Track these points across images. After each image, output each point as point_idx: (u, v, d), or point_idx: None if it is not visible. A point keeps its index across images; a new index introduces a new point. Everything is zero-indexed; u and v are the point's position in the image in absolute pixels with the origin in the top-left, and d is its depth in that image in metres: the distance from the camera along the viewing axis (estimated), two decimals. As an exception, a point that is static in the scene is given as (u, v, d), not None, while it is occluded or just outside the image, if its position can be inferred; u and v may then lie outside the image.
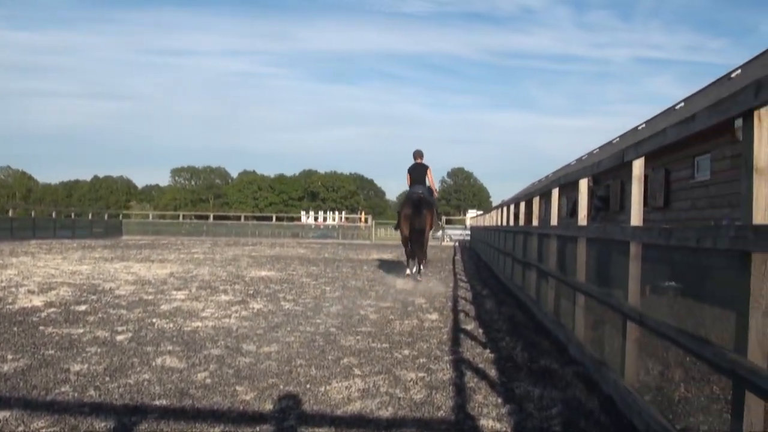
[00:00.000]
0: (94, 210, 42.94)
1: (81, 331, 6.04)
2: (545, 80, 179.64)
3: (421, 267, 11.76)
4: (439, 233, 32.98)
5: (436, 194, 12.18)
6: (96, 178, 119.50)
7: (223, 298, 8.83)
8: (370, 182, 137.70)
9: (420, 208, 11.28)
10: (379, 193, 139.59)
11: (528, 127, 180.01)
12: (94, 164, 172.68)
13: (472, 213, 49.94)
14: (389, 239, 45.22)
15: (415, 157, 12.40)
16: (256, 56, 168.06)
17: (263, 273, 13.10)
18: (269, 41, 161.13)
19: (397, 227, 11.88)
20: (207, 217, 46.09)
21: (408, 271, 11.86)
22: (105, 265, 14.06)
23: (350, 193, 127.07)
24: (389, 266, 15.82)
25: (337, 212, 64.47)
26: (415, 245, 11.45)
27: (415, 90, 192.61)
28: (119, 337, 5.78)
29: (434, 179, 11.88)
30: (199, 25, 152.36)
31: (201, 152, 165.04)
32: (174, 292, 9.30)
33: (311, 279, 11.98)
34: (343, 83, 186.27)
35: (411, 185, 12.16)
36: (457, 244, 33.68)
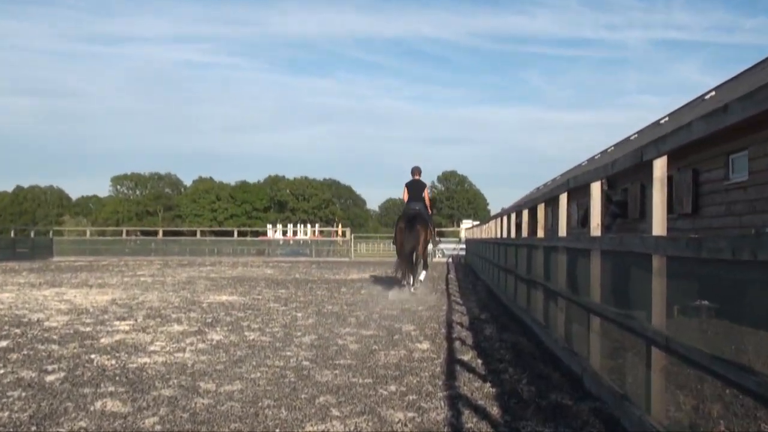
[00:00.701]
0: (17, 227, 42.50)
1: (1, 371, 5.93)
2: (550, 69, 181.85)
3: (419, 278, 14.40)
4: (434, 248, 33.24)
5: (430, 212, 14.73)
6: (19, 188, 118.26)
7: (176, 328, 8.78)
8: (348, 189, 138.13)
9: (414, 224, 13.77)
10: (359, 201, 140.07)
11: (530, 123, 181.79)
12: (18, 172, 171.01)
13: (467, 223, 50.24)
14: (371, 255, 45.24)
15: (413, 174, 15.03)
16: (212, 43, 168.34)
17: (223, 298, 13.07)
18: (227, 26, 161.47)
19: (394, 241, 14.37)
20: (155, 233, 45.72)
21: (404, 282, 14.05)
22: (32, 292, 13.88)
23: (324, 202, 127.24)
24: (372, 287, 15.82)
25: (309, 225, 64.43)
26: (408, 260, 13.82)
27: (397, 82, 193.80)
28: (49, 378, 5.68)
29: (426, 186, 14.63)
30: (145, 7, 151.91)
31: (148, 157, 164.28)
32: (117, 323, 9.22)
33: (280, 304, 11.94)
34: (314, 74, 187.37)
35: (408, 201, 14.66)
36: (450, 260, 33.76)
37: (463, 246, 35.33)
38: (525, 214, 10.15)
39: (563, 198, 7.02)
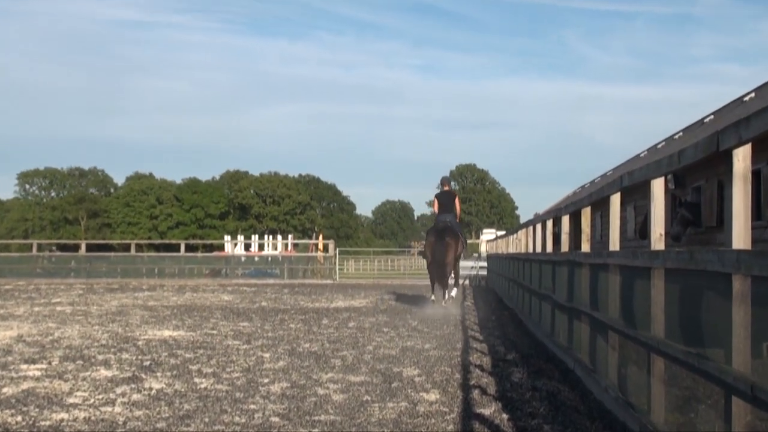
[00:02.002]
0: None
1: None
2: (596, 30, 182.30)
3: (450, 294, 18.37)
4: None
5: (458, 219, 18.65)
6: None
7: (103, 373, 8.78)
8: (331, 189, 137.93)
9: (444, 236, 17.64)
10: (345, 205, 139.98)
11: (572, 102, 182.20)
12: None
13: (488, 234, 50.25)
14: (363, 276, 45.23)
15: (442, 184, 19.10)
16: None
17: (166, 333, 13.10)
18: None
19: (425, 255, 18.68)
20: (76, 248, 45.66)
21: (433, 298, 18.32)
22: None
23: (300, 206, 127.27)
24: (364, 319, 15.88)
25: (280, 236, 64.38)
26: (439, 273, 17.77)
27: (397, 46, 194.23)
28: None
29: (456, 195, 18.97)
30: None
31: (66, 148, 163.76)
32: (24, 367, 9.20)
33: (241, 341, 11.95)
34: (285, 36, 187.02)
35: (439, 213, 18.53)
36: (466, 281, 33.83)
37: (484, 264, 35.38)
38: (565, 221, 10.18)
39: (615, 200, 7.04)
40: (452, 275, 18.60)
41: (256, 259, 45.13)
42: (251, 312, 17.65)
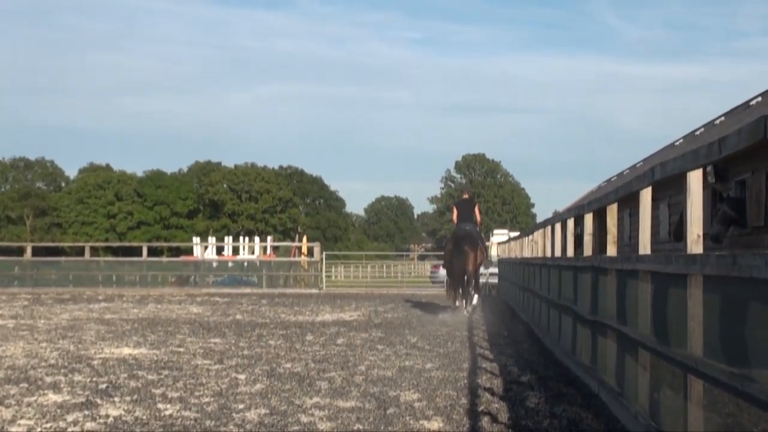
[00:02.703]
0: None
1: None
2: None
3: (471, 303, 20.73)
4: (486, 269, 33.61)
5: (477, 227, 21.34)
6: None
7: (52, 398, 8.76)
8: (317, 184, 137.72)
9: (463, 245, 20.36)
10: (334, 202, 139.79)
11: (597, 81, 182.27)
12: None
13: (499, 235, 50.10)
14: (354, 284, 45.07)
15: (461, 192, 22.23)
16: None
17: (126, 351, 13.09)
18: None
19: (444, 264, 22.31)
20: (21, 251, 45.51)
21: (457, 303, 20.74)
22: None
23: (280, 202, 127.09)
24: (355, 335, 15.91)
25: (257, 238, 64.29)
26: (459, 283, 20.61)
27: (391, 17, 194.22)
28: None
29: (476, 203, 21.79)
30: None
31: (7, 135, 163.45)
32: (-41, 390, 9.19)
33: (212, 360, 11.96)
34: (260, 5, 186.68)
35: (458, 222, 21.08)
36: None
37: (495, 270, 35.33)
38: (588, 220, 10.18)
39: (646, 196, 7.04)
40: (473, 284, 20.86)
41: (230, 264, 45.10)
42: (224, 326, 17.68)
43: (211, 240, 62.87)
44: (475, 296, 21.17)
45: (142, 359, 12.05)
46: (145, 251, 40.15)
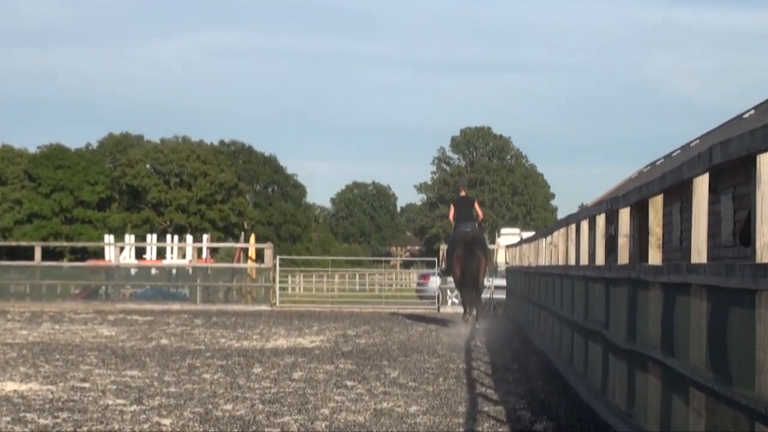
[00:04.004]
0: None
1: None
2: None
3: (476, 312, 24.46)
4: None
5: (479, 224, 25.21)
6: None
7: None
8: (269, 164, 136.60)
9: (474, 250, 24.01)
10: (291, 189, 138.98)
11: (638, 33, 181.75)
12: None
13: (508, 236, 50.00)
14: (316, 299, 44.84)
15: (458, 188, 26.22)
16: None
17: (10, 387, 13.00)
18: None
19: (447, 272, 26.17)
20: None
21: (467, 317, 24.35)
22: None
23: (221, 189, 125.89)
24: (317, 366, 15.91)
25: (190, 237, 64.11)
26: (470, 289, 24.36)
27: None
28: None
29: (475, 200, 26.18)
30: None
31: None
32: None
33: (128, 400, 11.91)
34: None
35: (457, 221, 24.59)
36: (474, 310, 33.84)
37: (502, 282, 35.31)
38: (624, 217, 10.19)
39: (701, 185, 7.02)
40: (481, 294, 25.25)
41: (154, 271, 44.77)
42: (144, 354, 17.60)
43: (129, 239, 62.41)
44: (474, 310, 24.70)
45: (33, 397, 11.97)
46: (38, 253, 39.87)
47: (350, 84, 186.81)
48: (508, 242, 41.92)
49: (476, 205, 25.10)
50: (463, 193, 25.63)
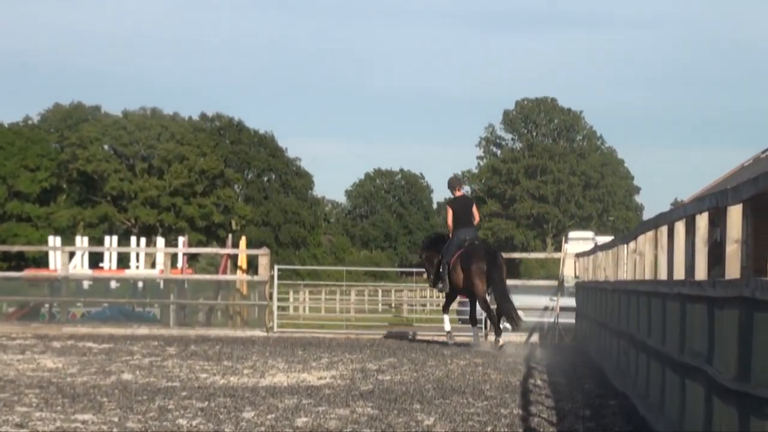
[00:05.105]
0: None
1: None
2: None
3: (502, 330, 28.79)
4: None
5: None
6: None
7: None
8: (264, 145, 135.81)
9: (497, 259, 27.97)
10: (293, 178, 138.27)
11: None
12: None
13: (579, 241, 49.96)
14: (326, 321, 44.63)
15: (452, 188, 29.75)
16: None
17: None
18: None
19: (442, 288, 30.29)
20: None
21: (474, 339, 29.37)
22: None
23: (202, 177, 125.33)
24: (327, 410, 15.92)
25: (161, 239, 64.29)
26: (507, 306, 28.11)
27: None
28: None
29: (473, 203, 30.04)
30: None
31: None
32: None
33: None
34: None
35: (458, 227, 28.52)
36: (534, 336, 33.76)
37: (570, 301, 35.23)
38: (733, 216, 10.14)
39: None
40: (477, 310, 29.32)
41: (114, 284, 44.88)
42: (100, 393, 17.60)
43: (81, 242, 62.63)
44: (475, 330, 29.76)
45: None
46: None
47: (371, 41, 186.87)
48: (578, 250, 41.77)
49: (474, 208, 29.30)
50: (459, 193, 29.75)
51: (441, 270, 29.92)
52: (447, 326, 30.80)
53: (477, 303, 29.72)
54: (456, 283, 29.14)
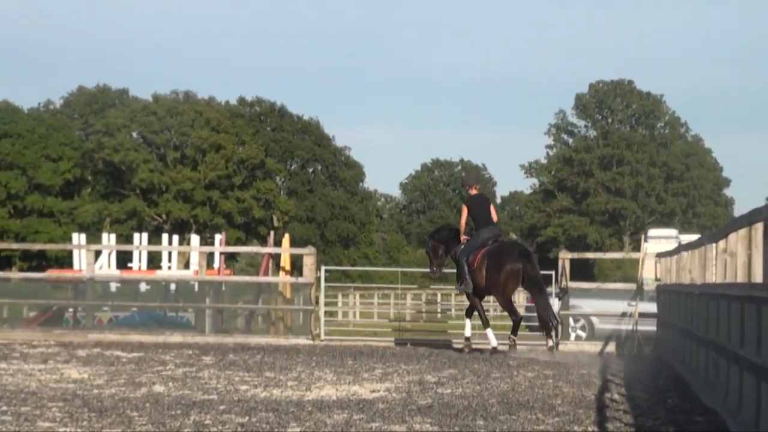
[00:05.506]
0: None
1: None
2: None
3: (552, 337, 30.63)
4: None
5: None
6: None
7: None
8: (309, 132, 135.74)
9: (530, 257, 29.57)
10: (341, 169, 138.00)
11: None
12: None
13: (659, 240, 49.81)
14: (379, 329, 44.60)
15: (469, 186, 31.51)
16: None
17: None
18: None
19: (464, 288, 30.91)
20: None
21: (493, 344, 30.27)
22: None
23: (241, 168, 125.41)
24: (382, 426, 15.97)
25: (196, 237, 64.35)
26: (547, 307, 29.71)
27: None
28: None
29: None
30: None
31: None
32: None
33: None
34: None
35: (479, 226, 30.25)
36: (610, 345, 33.68)
37: (650, 306, 35.08)
38: None
39: None
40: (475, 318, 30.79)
41: (144, 287, 44.93)
42: (130, 407, 17.65)
43: (108, 239, 62.77)
44: (490, 332, 30.94)
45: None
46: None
47: (428, 16, 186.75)
48: (659, 249, 41.62)
49: (493, 208, 30.97)
50: (474, 192, 31.01)
51: (460, 269, 30.85)
52: (468, 331, 31.97)
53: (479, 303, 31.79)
54: (479, 283, 30.17)
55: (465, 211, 30.76)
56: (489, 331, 31.13)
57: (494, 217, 30.67)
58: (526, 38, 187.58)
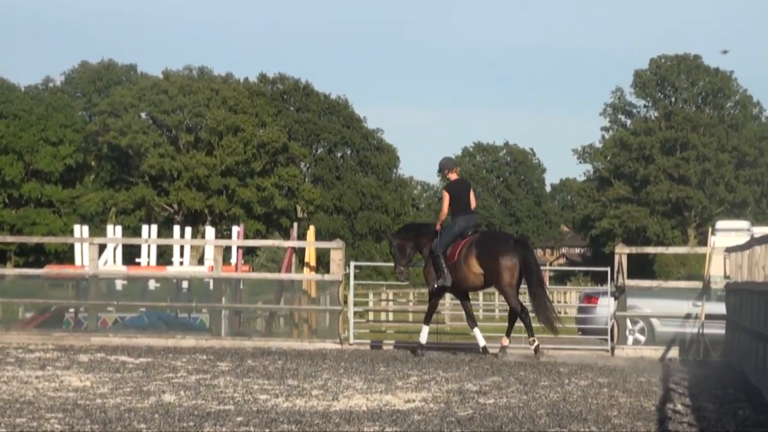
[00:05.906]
0: None
1: None
2: None
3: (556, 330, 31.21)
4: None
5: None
6: None
7: None
8: (337, 113, 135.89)
9: (528, 246, 32.19)
10: (372, 153, 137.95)
11: None
12: None
13: (729, 233, 49.82)
14: (414, 332, 44.62)
15: (448, 170, 32.32)
16: None
17: None
18: None
19: (442, 282, 31.03)
20: None
21: (482, 345, 31.27)
22: None
23: (262, 152, 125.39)
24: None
25: (211, 229, 64.50)
26: (544, 303, 30.65)
27: None
28: None
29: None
30: None
31: None
32: None
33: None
34: None
35: (456, 215, 31.09)
36: (673, 350, 33.61)
37: (719, 307, 35.00)
38: None
39: None
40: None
41: (153, 285, 45.03)
42: (137, 418, 17.71)
43: (114, 232, 62.92)
44: (478, 332, 32.05)
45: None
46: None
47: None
48: (728, 243, 41.49)
49: (472, 193, 31.71)
50: (454, 176, 31.95)
51: (437, 262, 30.95)
52: (423, 338, 32.09)
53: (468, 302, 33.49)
54: (461, 276, 30.70)
55: (447, 197, 31.20)
56: (476, 331, 31.92)
57: (473, 204, 31.46)
58: (578, 10, 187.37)
